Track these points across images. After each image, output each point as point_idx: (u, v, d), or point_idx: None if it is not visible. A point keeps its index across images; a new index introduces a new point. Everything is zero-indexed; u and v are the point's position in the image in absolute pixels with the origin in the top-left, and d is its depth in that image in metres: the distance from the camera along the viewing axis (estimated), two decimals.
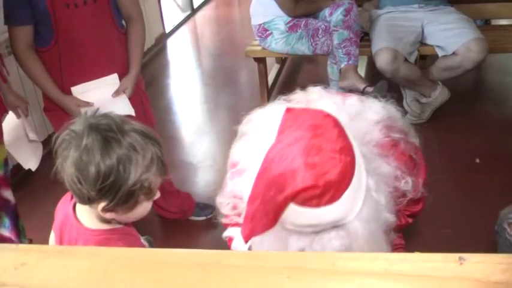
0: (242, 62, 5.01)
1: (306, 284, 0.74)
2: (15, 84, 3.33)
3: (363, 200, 1.21)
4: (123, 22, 2.42)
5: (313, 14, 3.61)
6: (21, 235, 2.36)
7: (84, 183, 1.21)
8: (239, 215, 1.46)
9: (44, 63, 2.24)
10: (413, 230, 1.82)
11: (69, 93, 2.30)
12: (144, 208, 1.33)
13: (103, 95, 2.32)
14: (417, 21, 3.61)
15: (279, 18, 3.56)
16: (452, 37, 3.44)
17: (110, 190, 1.22)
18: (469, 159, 3.26)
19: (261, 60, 3.99)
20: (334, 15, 3.46)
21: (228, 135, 3.82)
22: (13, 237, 2.29)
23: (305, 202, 1.12)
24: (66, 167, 1.23)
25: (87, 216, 1.35)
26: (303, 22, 3.53)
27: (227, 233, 1.44)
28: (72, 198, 1.39)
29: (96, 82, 2.31)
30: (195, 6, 7.19)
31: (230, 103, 4.45)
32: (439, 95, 3.64)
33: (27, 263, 0.84)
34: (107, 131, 1.21)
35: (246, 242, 1.22)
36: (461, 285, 0.72)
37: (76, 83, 2.29)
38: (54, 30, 2.17)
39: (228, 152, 3.59)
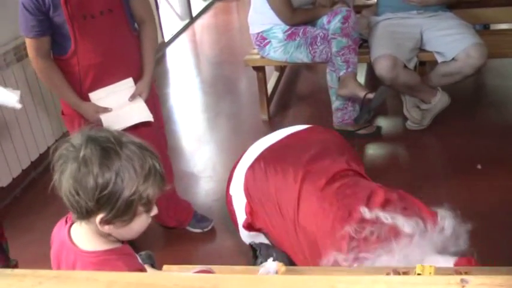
0: (241, 70, 5.00)
1: None
2: (32, 88, 3.36)
3: None
4: (136, 25, 2.45)
5: (311, 22, 3.60)
6: (8, 261, 2.39)
7: (82, 194, 1.20)
8: None
9: (62, 70, 2.27)
10: None
11: (87, 99, 2.33)
12: (142, 222, 1.32)
13: (120, 99, 2.36)
14: (416, 28, 3.60)
15: (277, 27, 3.55)
16: (452, 43, 3.43)
17: (108, 200, 1.21)
18: (471, 165, 3.24)
19: (260, 69, 3.98)
20: (332, 23, 3.45)
21: (228, 144, 3.86)
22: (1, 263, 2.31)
23: None
24: (64, 180, 1.22)
25: (84, 238, 1.33)
26: (301, 30, 3.52)
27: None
28: (66, 222, 1.38)
29: (113, 87, 2.35)
30: (194, 14, 7.19)
31: (230, 111, 4.44)
32: (439, 101, 3.62)
33: None
34: (105, 143, 1.22)
35: None
36: None
37: (94, 89, 2.33)
38: (73, 41, 2.20)
39: (228, 162, 3.60)
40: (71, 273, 0.90)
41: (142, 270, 1.39)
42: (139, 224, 1.32)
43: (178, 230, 2.88)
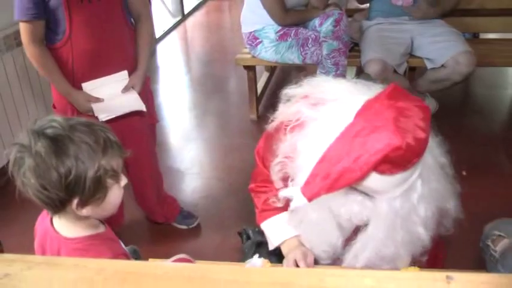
0: (232, 68, 5.01)
1: None
2: (22, 78, 3.35)
3: (401, 194, 1.39)
4: (132, 20, 2.44)
5: (303, 24, 3.61)
6: None
7: (50, 188, 1.22)
8: (285, 179, 1.59)
9: (55, 60, 2.25)
10: None
11: (80, 89, 2.32)
12: (115, 195, 1.34)
13: (113, 91, 2.36)
14: (407, 33, 3.63)
15: (269, 27, 3.56)
16: (441, 50, 3.46)
17: (77, 185, 1.23)
18: (456, 171, 3.26)
19: (250, 68, 3.99)
20: (324, 26, 3.46)
21: (216, 142, 3.86)
22: None
23: (387, 168, 1.27)
24: (27, 180, 1.23)
25: (65, 226, 1.35)
26: (293, 31, 3.53)
27: (284, 193, 1.46)
28: (47, 213, 1.39)
29: (106, 78, 2.34)
30: (186, 11, 7.18)
31: (219, 110, 4.44)
32: None
33: (10, 274, 0.83)
34: (53, 132, 1.23)
35: (311, 200, 1.34)
36: None
37: (87, 79, 2.31)
38: (68, 25, 2.18)
39: (215, 160, 3.61)
40: (60, 259, 0.90)
41: (126, 255, 1.41)
42: (114, 197, 1.34)
43: (164, 226, 2.89)
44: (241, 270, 0.83)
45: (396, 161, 1.27)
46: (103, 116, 2.27)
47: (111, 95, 2.35)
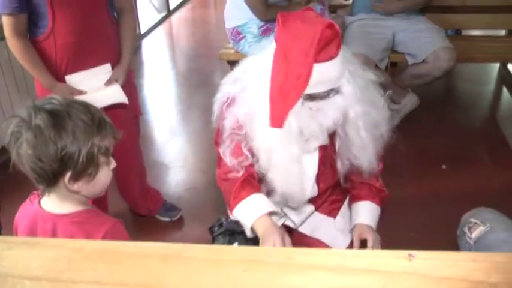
0: (217, 63, 5.03)
1: (262, 276, 0.77)
2: (6, 72, 3.35)
3: (349, 75, 1.64)
4: (114, 14, 2.45)
5: None
6: None
7: (45, 159, 1.27)
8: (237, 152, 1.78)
9: (39, 53, 2.25)
10: (378, 233, 1.88)
11: (63, 82, 2.33)
12: (105, 175, 1.40)
13: (96, 83, 2.38)
14: (389, 29, 3.66)
15: (252, 22, 3.58)
16: (422, 45, 3.51)
17: (71, 158, 1.29)
18: (436, 164, 3.33)
19: (234, 63, 3.99)
20: None
21: (201, 136, 3.89)
22: None
23: (317, 55, 1.51)
24: (23, 152, 1.28)
25: (57, 203, 1.39)
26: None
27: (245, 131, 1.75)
28: (31, 201, 1.43)
29: (90, 71, 2.36)
30: (171, 7, 7.19)
31: (203, 104, 4.45)
32: (408, 101, 3.71)
33: None
34: (53, 108, 1.29)
35: (281, 125, 1.61)
36: (408, 280, 0.75)
37: (70, 72, 2.32)
38: (51, 19, 2.18)
39: (199, 153, 3.64)
40: (39, 239, 0.93)
41: (122, 223, 1.46)
42: (103, 177, 1.40)
43: (147, 218, 2.91)
44: (212, 249, 0.86)
45: (329, 42, 1.53)
46: None
47: (94, 87, 2.36)
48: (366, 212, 1.91)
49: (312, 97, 1.62)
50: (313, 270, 0.78)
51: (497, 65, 4.91)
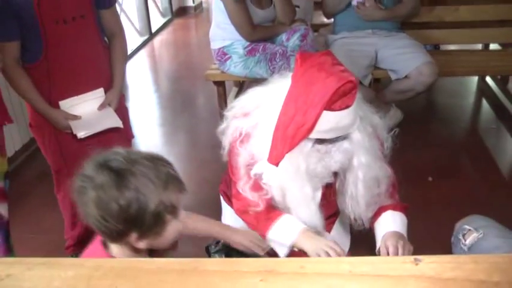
0: (200, 85, 5.08)
1: (278, 285, 0.81)
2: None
3: (359, 122, 1.66)
4: (105, 38, 2.48)
5: (271, 39, 3.71)
6: (11, 253, 2.33)
7: (110, 219, 1.23)
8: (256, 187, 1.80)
9: (32, 79, 2.26)
10: (367, 246, 1.92)
11: (56, 106, 2.33)
12: (173, 228, 1.34)
13: (90, 108, 2.39)
14: (371, 46, 3.75)
15: (237, 42, 3.64)
16: (405, 61, 3.59)
17: (136, 218, 1.24)
18: (423, 177, 3.39)
19: (220, 84, 4.06)
20: (291, 40, 3.57)
21: (187, 157, 3.91)
22: (1, 253, 2.26)
23: (333, 103, 1.53)
24: (89, 210, 1.25)
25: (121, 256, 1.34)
26: (261, 46, 3.62)
27: (256, 170, 1.76)
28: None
29: (83, 96, 2.37)
30: (153, 30, 7.23)
31: (188, 126, 4.50)
32: (392, 116, 3.79)
33: (12, 274, 0.88)
34: (116, 165, 1.25)
35: (277, 163, 1.63)
36: (416, 282, 0.80)
37: (64, 97, 2.33)
38: (44, 46, 2.20)
39: (186, 174, 3.67)
40: (58, 259, 0.96)
41: None
42: (172, 230, 1.34)
43: None
44: (228, 261, 0.90)
45: (346, 94, 1.54)
46: (82, 134, 2.31)
47: (88, 112, 2.38)
48: (388, 220, 1.86)
49: (321, 140, 1.65)
50: (325, 277, 0.82)
51: (476, 78, 5.02)
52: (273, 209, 1.84)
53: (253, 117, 1.76)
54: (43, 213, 3.12)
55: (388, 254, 1.66)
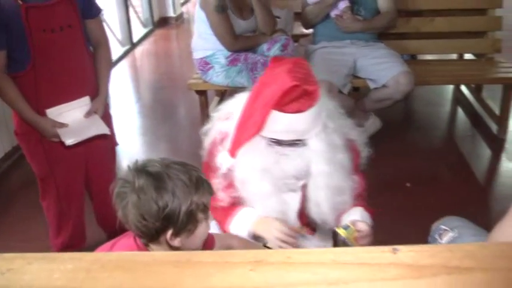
0: (182, 94, 5.12)
1: (268, 274, 0.86)
2: None
3: (320, 130, 1.71)
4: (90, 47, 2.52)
5: (252, 49, 3.78)
6: None
7: (148, 218, 1.37)
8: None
9: (19, 87, 2.27)
10: None
11: (43, 115, 2.35)
12: (203, 229, 1.49)
13: (76, 116, 2.43)
14: (350, 56, 3.83)
15: (219, 52, 3.70)
16: (383, 71, 3.68)
17: (172, 217, 1.37)
18: (400, 183, 3.48)
19: (202, 93, 4.11)
20: (272, 50, 3.65)
21: None
22: None
23: (284, 106, 1.61)
24: (129, 212, 1.39)
25: None
26: (243, 56, 3.69)
27: (220, 159, 1.82)
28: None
29: (70, 104, 2.40)
30: (135, 40, 7.27)
31: (170, 135, 4.53)
32: (371, 124, 3.88)
33: (13, 269, 0.93)
34: (153, 169, 1.39)
35: (233, 155, 1.74)
36: (395, 269, 0.86)
37: (50, 105, 2.35)
38: (32, 55, 2.22)
39: None
40: (57, 254, 1.00)
41: None
42: (202, 231, 1.49)
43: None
44: (219, 253, 0.96)
45: (296, 99, 1.61)
46: (70, 141, 2.34)
47: (75, 120, 2.41)
48: (357, 212, 1.92)
49: (279, 142, 1.73)
50: (310, 266, 0.88)
51: (451, 87, 5.16)
52: (236, 205, 1.91)
53: (233, 120, 1.84)
54: (29, 222, 3.14)
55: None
